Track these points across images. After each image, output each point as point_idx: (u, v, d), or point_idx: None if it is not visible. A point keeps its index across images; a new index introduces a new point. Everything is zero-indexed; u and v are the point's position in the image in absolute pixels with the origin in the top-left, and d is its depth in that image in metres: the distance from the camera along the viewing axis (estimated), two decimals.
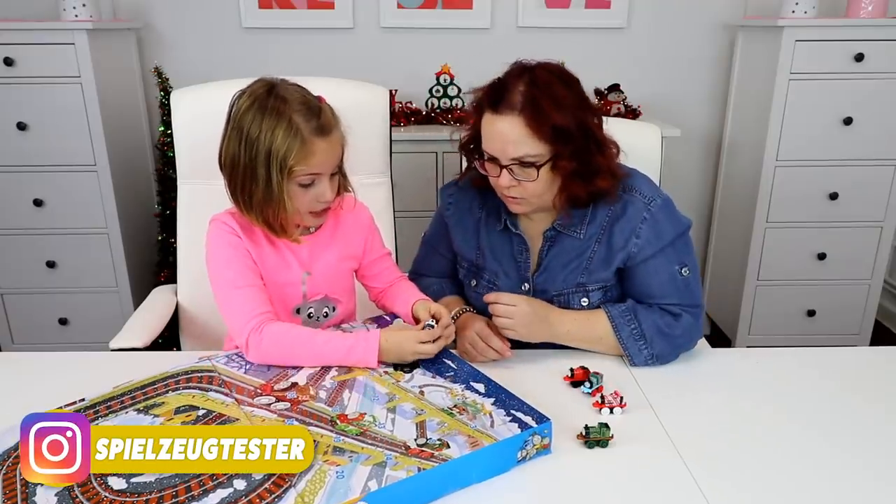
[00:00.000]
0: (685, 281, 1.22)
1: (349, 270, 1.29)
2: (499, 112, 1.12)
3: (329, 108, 1.12)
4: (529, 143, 1.11)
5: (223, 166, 1.13)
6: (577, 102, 1.15)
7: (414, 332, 1.10)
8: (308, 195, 1.12)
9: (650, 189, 1.23)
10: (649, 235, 1.20)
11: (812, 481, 0.88)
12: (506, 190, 1.17)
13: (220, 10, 2.60)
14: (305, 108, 1.08)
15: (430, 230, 1.44)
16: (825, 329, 2.63)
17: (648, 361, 1.18)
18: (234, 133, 1.09)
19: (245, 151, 1.08)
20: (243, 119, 1.08)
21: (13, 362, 1.27)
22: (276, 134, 1.05)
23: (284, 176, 1.07)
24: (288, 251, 1.19)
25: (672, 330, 1.19)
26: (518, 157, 1.12)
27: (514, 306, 1.17)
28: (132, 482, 0.79)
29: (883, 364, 1.22)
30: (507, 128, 1.11)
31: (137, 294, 2.46)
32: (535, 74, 1.14)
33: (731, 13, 2.68)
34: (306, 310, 1.23)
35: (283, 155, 1.06)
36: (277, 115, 1.06)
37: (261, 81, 1.12)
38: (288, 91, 1.10)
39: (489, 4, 2.61)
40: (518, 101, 1.11)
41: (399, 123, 2.48)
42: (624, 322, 1.19)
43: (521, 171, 1.14)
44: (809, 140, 2.39)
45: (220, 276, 1.15)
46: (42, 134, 2.25)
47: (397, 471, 0.81)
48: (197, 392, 0.99)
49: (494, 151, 1.14)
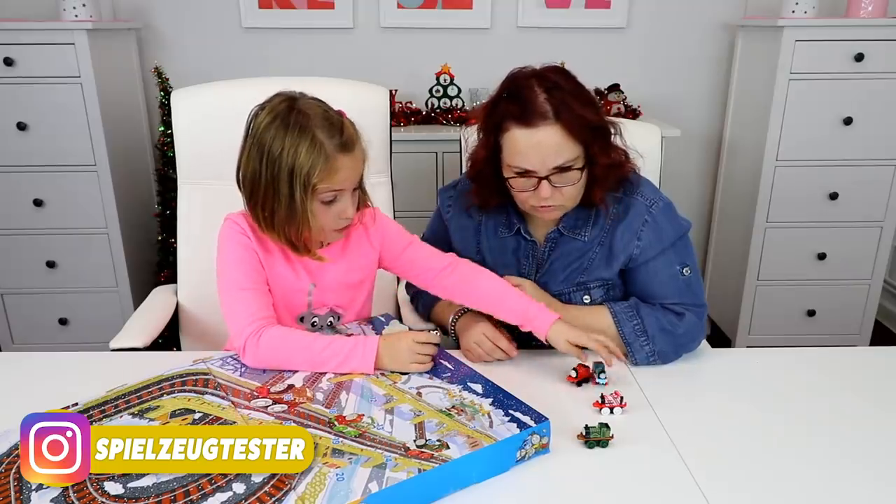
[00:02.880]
0: (686, 281, 1.22)
1: (358, 283, 1.25)
2: (531, 125, 1.10)
3: (350, 123, 1.10)
4: (569, 147, 1.11)
5: (242, 183, 1.11)
6: (589, 96, 1.16)
7: (412, 342, 1.07)
8: (331, 212, 1.10)
9: (652, 192, 1.24)
10: (650, 238, 1.20)
11: (812, 481, 0.88)
12: (544, 201, 1.15)
13: (220, 10, 2.60)
14: (328, 123, 1.06)
15: (429, 232, 1.44)
16: (825, 329, 2.63)
17: (650, 358, 1.18)
18: (254, 149, 1.07)
19: (267, 168, 1.05)
20: (264, 135, 1.06)
21: (13, 362, 1.26)
22: (300, 151, 1.03)
23: (308, 193, 1.05)
24: (297, 260, 1.17)
25: (675, 328, 1.19)
26: (559, 165, 1.11)
27: (520, 286, 1.19)
28: (129, 487, 0.79)
29: (883, 364, 1.22)
30: (546, 137, 1.10)
31: (137, 294, 2.46)
32: (550, 79, 1.13)
33: (731, 13, 2.68)
34: (310, 319, 1.21)
35: (307, 172, 1.04)
36: (300, 132, 1.04)
37: (280, 96, 1.10)
38: (309, 106, 1.08)
39: (489, 4, 2.61)
40: (548, 110, 1.09)
41: (399, 123, 2.48)
42: (626, 317, 1.20)
43: (560, 178, 1.13)
44: (809, 140, 2.39)
45: (226, 276, 1.14)
46: (42, 134, 2.25)
47: (397, 472, 0.81)
48: (192, 395, 0.98)
49: (531, 165, 1.12)
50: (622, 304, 1.23)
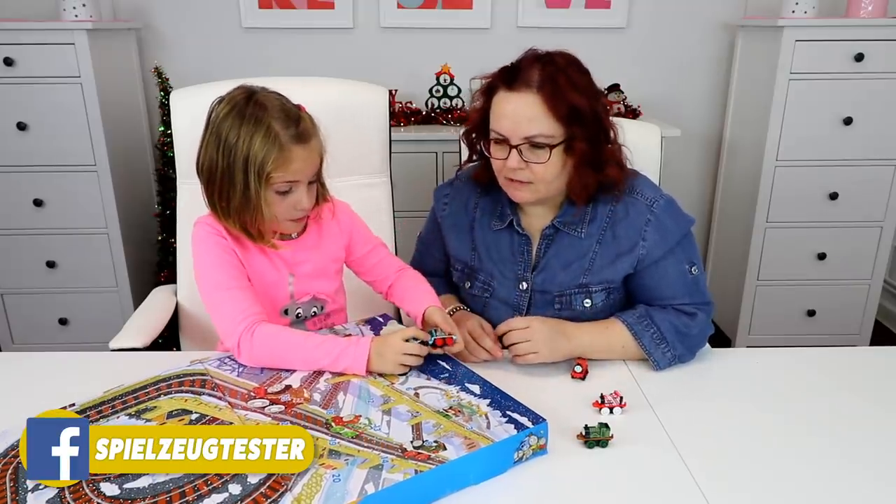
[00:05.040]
0: (695, 279, 1.22)
1: (335, 272, 1.28)
2: (514, 89, 1.11)
3: (308, 117, 1.12)
4: (544, 121, 1.10)
5: (200, 172, 1.13)
6: (591, 88, 1.15)
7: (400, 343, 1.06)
8: (285, 202, 1.12)
9: (652, 190, 1.22)
10: (655, 237, 1.19)
11: (812, 481, 0.88)
12: (512, 173, 1.14)
13: (220, 10, 2.60)
14: (284, 115, 1.08)
15: (425, 230, 1.44)
16: (825, 329, 2.63)
17: (672, 362, 1.17)
18: (212, 139, 1.09)
19: (223, 157, 1.08)
20: (222, 125, 1.08)
21: (13, 362, 1.26)
22: (255, 140, 1.05)
23: (262, 182, 1.07)
24: (273, 253, 1.19)
25: (690, 329, 1.18)
26: (530, 137, 1.11)
27: (528, 327, 1.14)
28: (125, 488, 0.79)
29: (883, 364, 1.22)
30: (523, 105, 1.10)
31: (137, 294, 2.46)
32: (552, 57, 1.13)
33: (731, 13, 2.68)
34: (294, 310, 1.23)
35: (261, 161, 1.06)
36: (256, 122, 1.06)
37: (240, 88, 1.12)
38: (267, 98, 1.10)
39: (489, 4, 2.61)
40: (535, 79, 1.10)
41: (399, 123, 2.48)
42: (643, 328, 1.17)
43: (531, 153, 1.12)
44: (809, 140, 2.39)
45: (208, 279, 1.14)
46: (42, 134, 2.26)
47: (394, 473, 0.80)
48: (189, 396, 0.98)
49: (505, 130, 1.12)
50: (633, 313, 1.20)
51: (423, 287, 1.26)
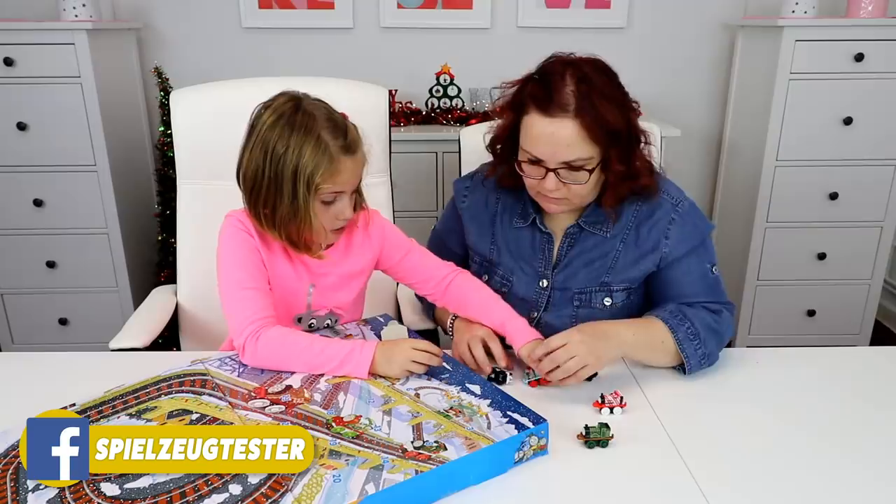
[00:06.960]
0: (716, 279, 1.22)
1: (357, 287, 1.26)
2: (550, 114, 1.08)
3: (354, 127, 1.11)
4: (582, 146, 1.08)
5: (243, 180, 1.11)
6: (624, 100, 1.13)
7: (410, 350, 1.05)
8: (329, 212, 1.11)
9: (676, 191, 1.23)
10: (679, 236, 1.19)
11: (812, 481, 0.88)
12: (550, 193, 1.13)
13: (220, 10, 2.60)
14: (333, 125, 1.07)
15: (441, 223, 1.42)
16: (825, 329, 2.63)
17: (702, 362, 1.14)
18: (257, 147, 1.07)
19: (270, 166, 1.06)
20: (269, 134, 1.06)
21: (13, 362, 1.26)
22: (304, 151, 1.04)
23: (311, 193, 1.06)
24: (298, 260, 1.18)
25: (719, 326, 1.17)
26: (569, 161, 1.09)
27: (566, 344, 1.05)
28: (125, 488, 0.79)
29: (883, 364, 1.22)
30: (560, 130, 1.07)
31: (137, 294, 2.46)
32: (583, 72, 1.10)
33: (731, 13, 2.68)
34: (308, 320, 1.21)
35: (311, 172, 1.05)
36: (305, 132, 1.05)
37: (285, 95, 1.10)
38: (315, 107, 1.09)
39: (489, 4, 2.61)
40: (571, 103, 1.07)
41: (399, 123, 2.48)
42: (677, 322, 1.14)
43: (568, 174, 1.11)
44: (809, 140, 2.39)
45: (228, 274, 1.13)
46: (42, 134, 2.26)
47: (394, 474, 0.80)
48: (190, 396, 0.98)
49: (541, 154, 1.10)
50: (666, 309, 1.17)
51: (494, 302, 1.21)
